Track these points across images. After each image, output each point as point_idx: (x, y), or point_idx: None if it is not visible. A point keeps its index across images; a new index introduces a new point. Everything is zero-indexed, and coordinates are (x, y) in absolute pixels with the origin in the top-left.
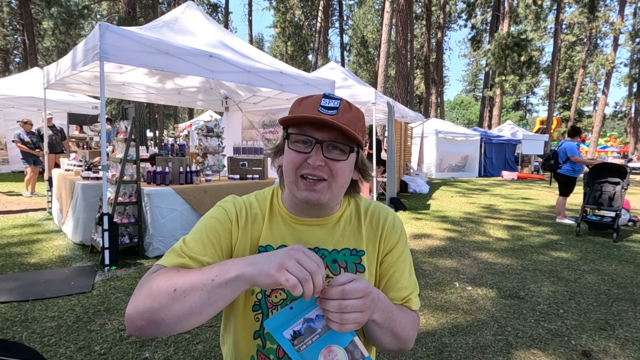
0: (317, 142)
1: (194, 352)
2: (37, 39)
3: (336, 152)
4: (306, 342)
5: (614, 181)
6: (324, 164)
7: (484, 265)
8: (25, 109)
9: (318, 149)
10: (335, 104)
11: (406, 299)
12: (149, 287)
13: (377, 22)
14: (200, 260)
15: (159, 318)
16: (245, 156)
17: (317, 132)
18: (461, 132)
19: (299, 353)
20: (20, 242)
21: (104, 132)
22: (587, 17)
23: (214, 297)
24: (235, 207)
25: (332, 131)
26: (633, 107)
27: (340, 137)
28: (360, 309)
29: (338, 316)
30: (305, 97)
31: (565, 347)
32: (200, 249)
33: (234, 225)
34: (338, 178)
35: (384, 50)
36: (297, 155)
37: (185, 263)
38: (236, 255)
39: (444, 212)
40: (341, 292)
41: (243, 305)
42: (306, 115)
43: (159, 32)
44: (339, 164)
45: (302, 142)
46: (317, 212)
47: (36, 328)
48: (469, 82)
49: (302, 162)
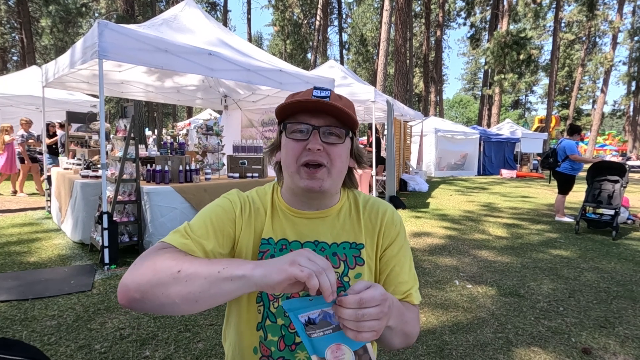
0: (314, 128)
1: (194, 350)
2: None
3: (333, 137)
4: (318, 332)
5: (613, 179)
6: (322, 149)
7: (484, 263)
8: (23, 107)
9: (315, 134)
10: (327, 93)
11: (407, 293)
12: (154, 262)
13: (376, 21)
14: (202, 244)
15: (155, 295)
16: (244, 155)
17: (313, 118)
18: (460, 131)
19: (309, 338)
20: (20, 241)
21: (103, 130)
22: (586, 16)
23: (215, 289)
24: (240, 199)
25: (327, 117)
26: (631, 105)
27: (335, 122)
28: (377, 316)
29: (355, 324)
30: (296, 92)
31: (565, 345)
32: (204, 233)
33: (237, 216)
34: (336, 162)
35: (383, 48)
36: (296, 143)
37: (188, 244)
38: (239, 246)
39: (443, 210)
40: (358, 301)
41: (247, 297)
42: (303, 98)
43: (157, 30)
44: (336, 148)
45: (299, 131)
46: (316, 205)
47: (36, 327)
48: (468, 81)
49: (301, 150)
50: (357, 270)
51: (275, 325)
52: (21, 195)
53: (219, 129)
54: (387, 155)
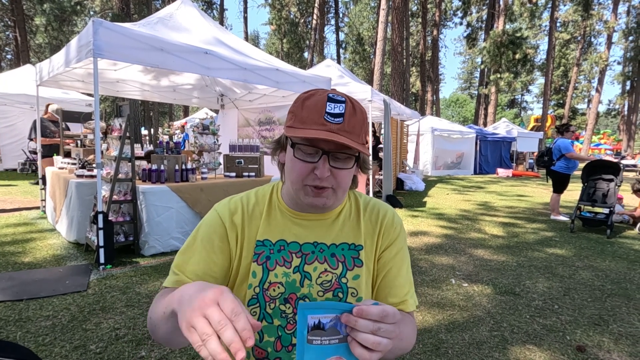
0: (323, 153)
1: (190, 350)
2: (29, 36)
3: (341, 162)
4: (323, 340)
5: (608, 178)
6: (330, 174)
7: (480, 262)
8: (17, 106)
9: (325, 160)
10: (341, 110)
11: (402, 299)
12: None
13: (373, 20)
14: (195, 271)
15: (157, 338)
16: (241, 154)
17: (323, 142)
18: (457, 130)
19: (306, 344)
20: (14, 241)
21: (98, 129)
22: (582, 15)
23: (171, 327)
24: (230, 208)
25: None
26: (626, 104)
27: (346, 147)
28: (391, 335)
29: (366, 338)
30: (307, 97)
31: (560, 342)
32: (195, 259)
33: (229, 228)
34: (342, 184)
35: (379, 47)
36: (303, 165)
37: (180, 280)
38: (235, 254)
39: (439, 209)
40: (380, 312)
41: (242, 299)
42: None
43: (153, 28)
44: (344, 172)
45: (307, 153)
46: (319, 210)
47: (30, 327)
48: (464, 80)
49: (308, 173)
50: (355, 272)
51: (272, 326)
52: None
53: (215, 128)
54: (384, 155)
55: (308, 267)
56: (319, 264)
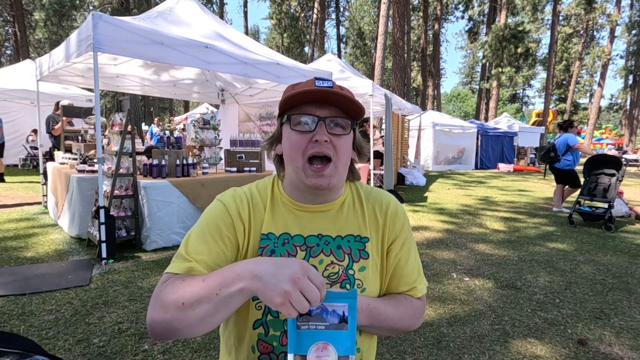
0: (320, 119)
1: (193, 343)
2: (28, 31)
3: (338, 128)
4: (310, 325)
5: (610, 172)
6: (329, 140)
7: (481, 256)
8: (17, 102)
9: (322, 125)
10: (329, 84)
11: (412, 286)
12: (161, 300)
13: (374, 14)
14: (204, 260)
15: (175, 328)
16: (242, 149)
17: (318, 109)
18: (458, 125)
19: (296, 330)
20: (16, 236)
21: (99, 124)
22: (584, 9)
23: (221, 307)
24: (236, 200)
25: (332, 107)
26: (628, 99)
27: (340, 112)
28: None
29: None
30: (296, 83)
31: (562, 336)
32: (205, 248)
33: (235, 219)
34: (341, 155)
35: (380, 42)
36: (301, 135)
37: (192, 267)
38: (242, 246)
39: (441, 204)
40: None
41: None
42: (307, 88)
43: (153, 22)
44: (342, 140)
45: (304, 123)
46: (320, 199)
47: (34, 321)
48: (465, 75)
49: (307, 143)
50: (361, 264)
51: (277, 320)
52: None
53: (216, 123)
54: (385, 150)
55: (313, 260)
56: (324, 256)
